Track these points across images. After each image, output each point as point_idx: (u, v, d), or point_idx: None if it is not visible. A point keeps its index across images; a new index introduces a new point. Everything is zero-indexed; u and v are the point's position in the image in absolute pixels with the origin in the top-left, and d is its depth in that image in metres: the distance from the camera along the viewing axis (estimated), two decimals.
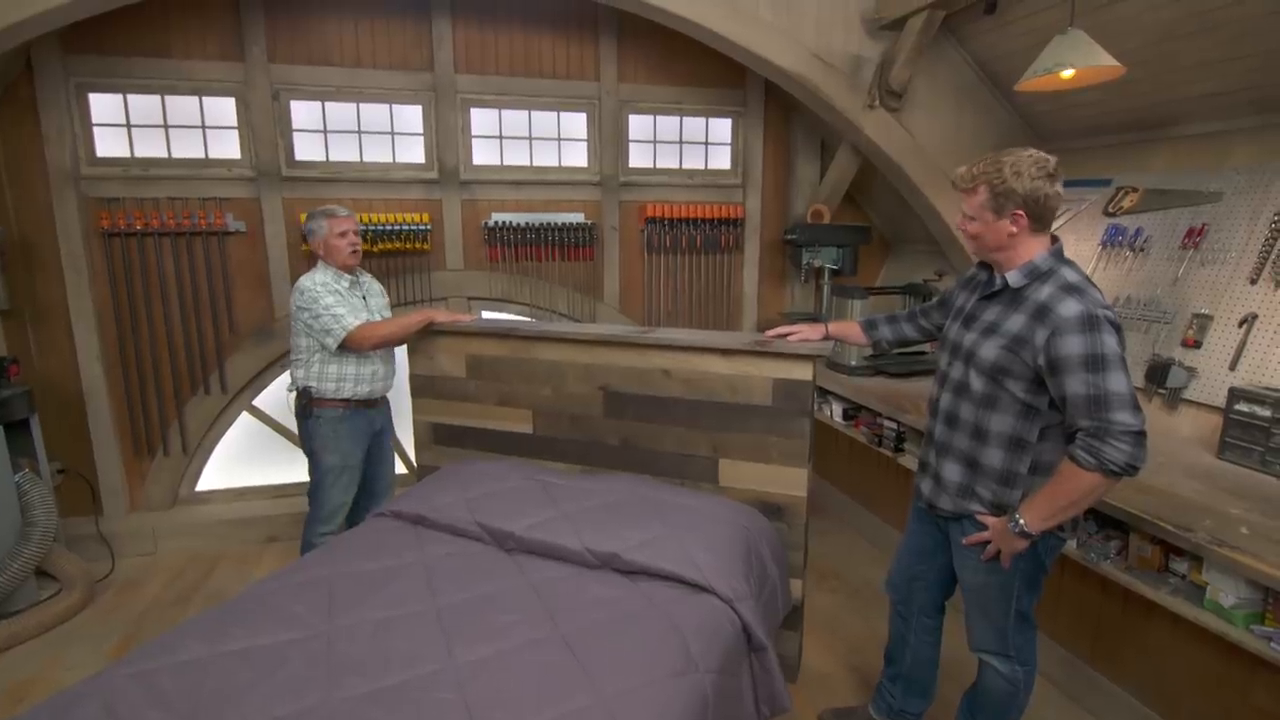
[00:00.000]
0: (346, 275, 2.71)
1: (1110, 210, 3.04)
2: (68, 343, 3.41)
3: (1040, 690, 2.45)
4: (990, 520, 1.70)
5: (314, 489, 2.74)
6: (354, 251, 2.69)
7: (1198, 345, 2.54)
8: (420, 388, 2.84)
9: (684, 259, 4.21)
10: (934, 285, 3.62)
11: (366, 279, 2.87)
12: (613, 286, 4.14)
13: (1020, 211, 1.58)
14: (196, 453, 3.73)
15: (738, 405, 2.36)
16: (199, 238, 3.48)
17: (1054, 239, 1.67)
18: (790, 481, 2.34)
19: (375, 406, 2.82)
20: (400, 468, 4.08)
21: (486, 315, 3.94)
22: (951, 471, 1.77)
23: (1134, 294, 2.82)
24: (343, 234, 2.65)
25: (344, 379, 2.68)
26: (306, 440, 2.73)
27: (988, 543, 1.72)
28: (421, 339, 2.79)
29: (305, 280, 2.63)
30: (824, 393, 3.56)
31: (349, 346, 2.61)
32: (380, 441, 2.90)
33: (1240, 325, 2.43)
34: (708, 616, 1.77)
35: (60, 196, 3.27)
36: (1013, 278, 1.63)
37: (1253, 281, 2.44)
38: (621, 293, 4.17)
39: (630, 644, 1.62)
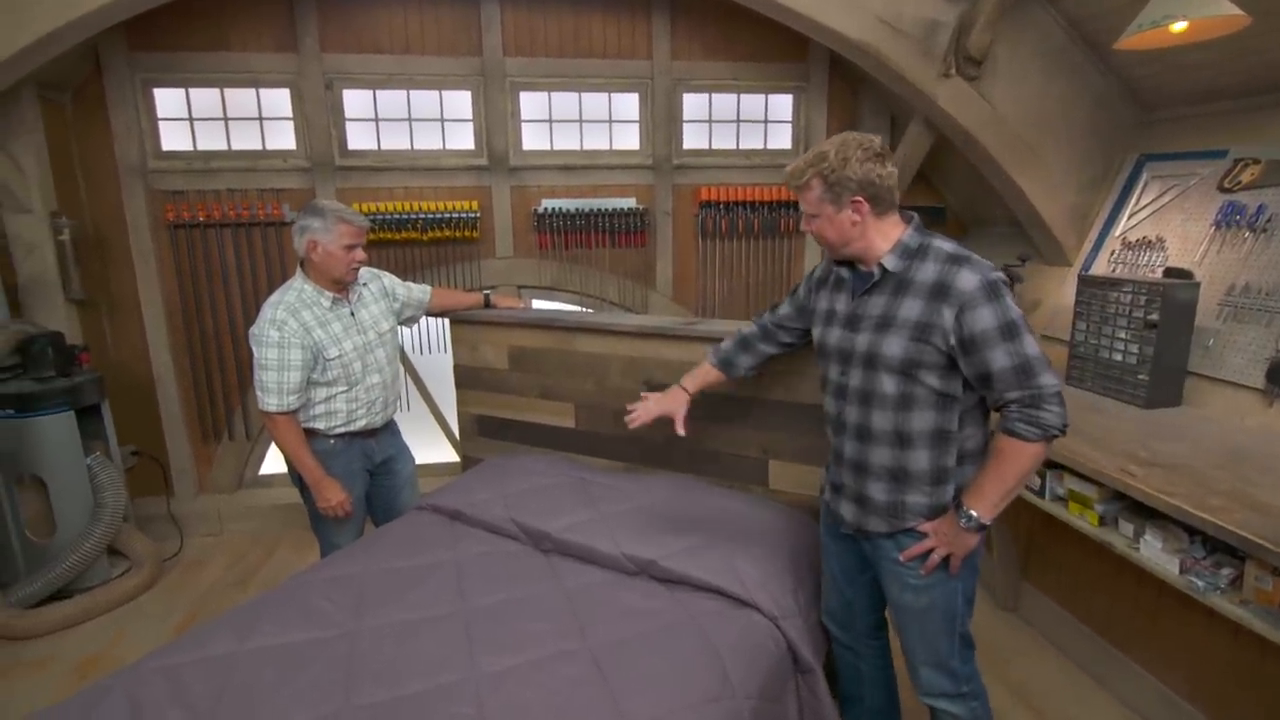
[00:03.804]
0: (329, 293, 2.26)
1: (1226, 185, 2.68)
2: (139, 331, 3.55)
3: None
4: (931, 525, 1.55)
5: (313, 522, 2.40)
6: (354, 269, 2.26)
7: None
8: (464, 379, 2.80)
9: (740, 244, 4.02)
10: (1016, 270, 3.31)
11: (363, 280, 2.39)
12: (665, 274, 4.00)
13: (859, 198, 1.50)
14: (259, 438, 3.84)
15: (790, 403, 2.19)
16: (258, 228, 3.55)
17: (909, 215, 1.57)
18: None
19: (374, 436, 2.43)
20: (452, 454, 4.10)
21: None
22: (877, 490, 1.60)
23: (1253, 281, 2.47)
24: (351, 247, 2.21)
25: (334, 414, 2.30)
26: (292, 468, 2.34)
27: (929, 554, 1.56)
28: (464, 328, 2.74)
29: (268, 307, 2.21)
30: None
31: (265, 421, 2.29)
32: (387, 473, 2.51)
33: None
34: (749, 634, 1.64)
35: (130, 190, 3.39)
36: (890, 261, 1.52)
37: None
38: (674, 280, 4.03)
39: (662, 663, 1.51)
